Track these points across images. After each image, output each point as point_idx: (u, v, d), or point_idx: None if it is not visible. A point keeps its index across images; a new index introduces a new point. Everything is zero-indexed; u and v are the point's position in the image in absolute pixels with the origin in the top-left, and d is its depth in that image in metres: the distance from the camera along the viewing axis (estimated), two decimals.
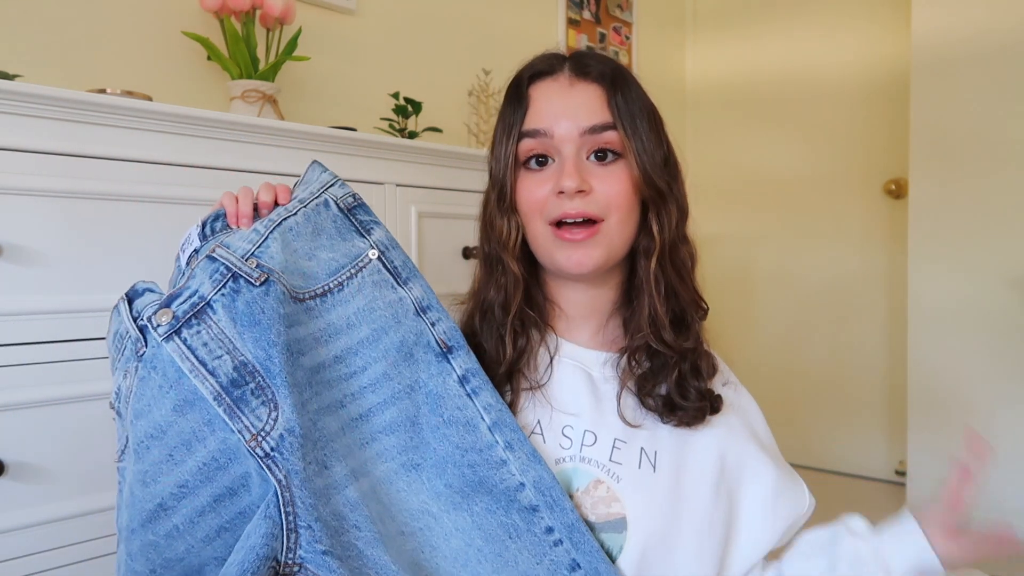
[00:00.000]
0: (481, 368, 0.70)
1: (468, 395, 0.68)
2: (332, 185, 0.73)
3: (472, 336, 0.76)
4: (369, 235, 0.72)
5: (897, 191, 2.33)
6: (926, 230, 2.06)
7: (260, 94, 1.37)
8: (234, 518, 0.61)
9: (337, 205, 0.72)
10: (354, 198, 0.73)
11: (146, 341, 0.62)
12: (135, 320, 0.63)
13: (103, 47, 1.34)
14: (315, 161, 0.77)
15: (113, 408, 0.66)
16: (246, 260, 0.64)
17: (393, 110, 1.64)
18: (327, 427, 0.63)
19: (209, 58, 1.39)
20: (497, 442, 0.67)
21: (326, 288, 0.67)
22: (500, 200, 0.75)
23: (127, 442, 0.64)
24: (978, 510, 0.72)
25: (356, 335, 0.67)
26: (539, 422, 0.74)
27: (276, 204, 0.72)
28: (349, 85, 1.73)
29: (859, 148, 2.43)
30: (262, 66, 1.42)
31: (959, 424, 2.02)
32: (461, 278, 0.95)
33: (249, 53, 1.37)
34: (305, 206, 0.70)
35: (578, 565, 0.65)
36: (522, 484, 0.66)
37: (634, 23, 2.62)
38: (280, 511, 0.58)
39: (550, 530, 0.66)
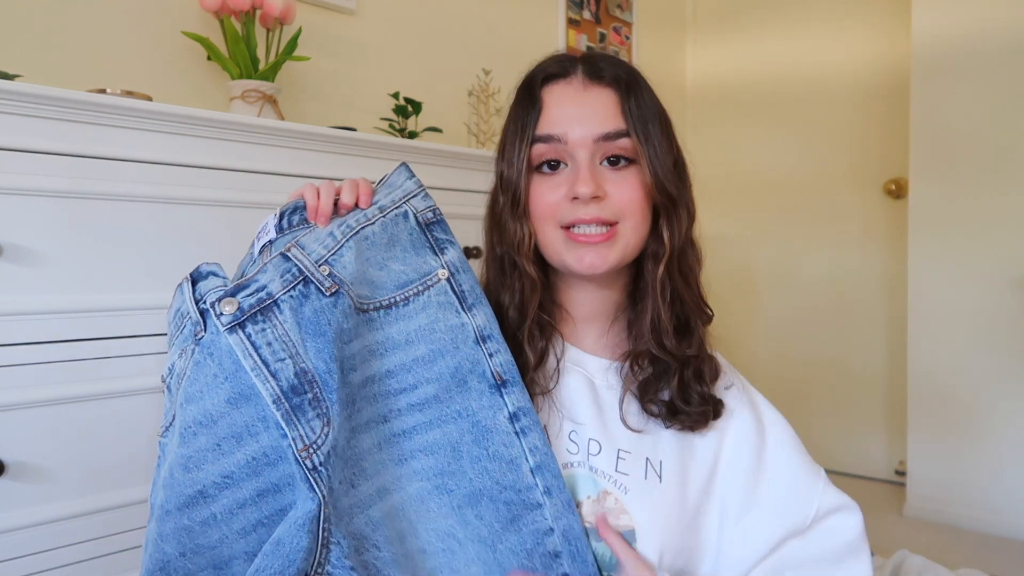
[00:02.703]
0: (533, 408, 0.69)
1: (516, 433, 0.67)
2: (415, 196, 0.72)
3: None
4: (442, 254, 0.71)
5: (897, 191, 2.33)
6: (926, 230, 2.06)
7: (260, 94, 1.37)
8: (273, 515, 0.60)
9: (416, 219, 0.71)
10: (434, 213, 0.72)
11: (205, 326, 0.61)
12: (197, 303, 0.62)
13: (103, 47, 1.34)
14: (403, 164, 0.76)
15: (164, 382, 0.66)
16: (319, 266, 0.63)
17: (393, 110, 1.64)
18: (360, 445, 0.63)
19: (209, 58, 1.39)
20: (537, 485, 0.67)
21: (392, 301, 0.67)
22: (514, 205, 0.74)
23: (173, 419, 0.63)
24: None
25: (412, 352, 0.66)
26: (546, 427, 0.73)
27: (356, 205, 0.71)
28: (349, 85, 1.73)
29: (859, 148, 2.43)
30: (262, 66, 1.42)
31: (959, 424, 2.02)
32: None
33: (249, 53, 1.37)
34: (384, 216, 0.69)
35: None
36: (551, 530, 0.66)
37: (634, 23, 2.62)
38: (319, 526, 0.58)
39: None
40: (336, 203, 0.70)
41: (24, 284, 0.93)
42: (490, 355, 0.69)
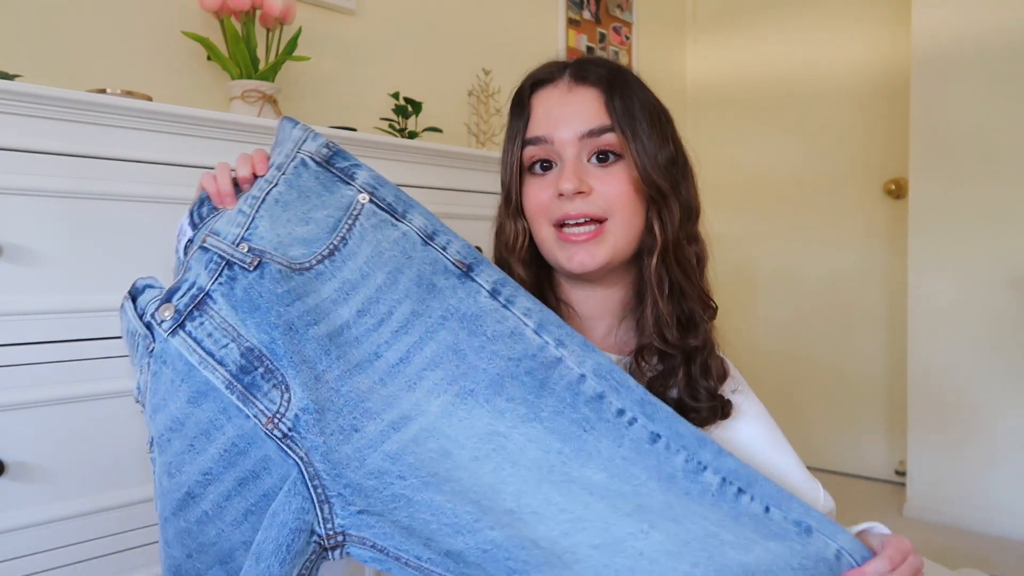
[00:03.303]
0: (509, 276, 0.69)
1: (504, 305, 0.66)
2: (305, 141, 0.71)
3: None
4: (353, 180, 0.69)
5: (897, 191, 2.33)
6: (926, 230, 2.06)
7: (260, 94, 1.37)
8: (259, 500, 0.61)
9: (314, 161, 0.70)
10: (328, 147, 0.70)
11: (154, 337, 0.63)
12: (140, 317, 0.64)
13: (103, 47, 1.34)
14: (285, 117, 0.75)
15: (138, 402, 0.68)
16: (237, 245, 0.64)
17: (393, 110, 1.64)
18: (357, 387, 0.63)
19: (209, 58, 1.39)
20: (547, 343, 0.66)
21: (331, 247, 0.66)
22: (507, 205, 0.78)
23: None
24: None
25: (373, 283, 0.66)
26: None
27: (255, 176, 0.70)
28: (349, 85, 1.73)
29: (859, 148, 2.43)
30: (262, 66, 1.42)
31: (959, 424, 2.02)
32: None
33: (249, 53, 1.37)
34: (284, 173, 0.68)
35: (658, 436, 0.64)
36: (583, 376, 0.65)
37: (634, 23, 2.62)
38: (308, 485, 0.59)
39: (621, 412, 0.64)
40: (236, 181, 0.70)
41: (24, 284, 0.93)
42: (443, 248, 0.68)
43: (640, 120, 0.73)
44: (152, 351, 0.62)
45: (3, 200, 0.91)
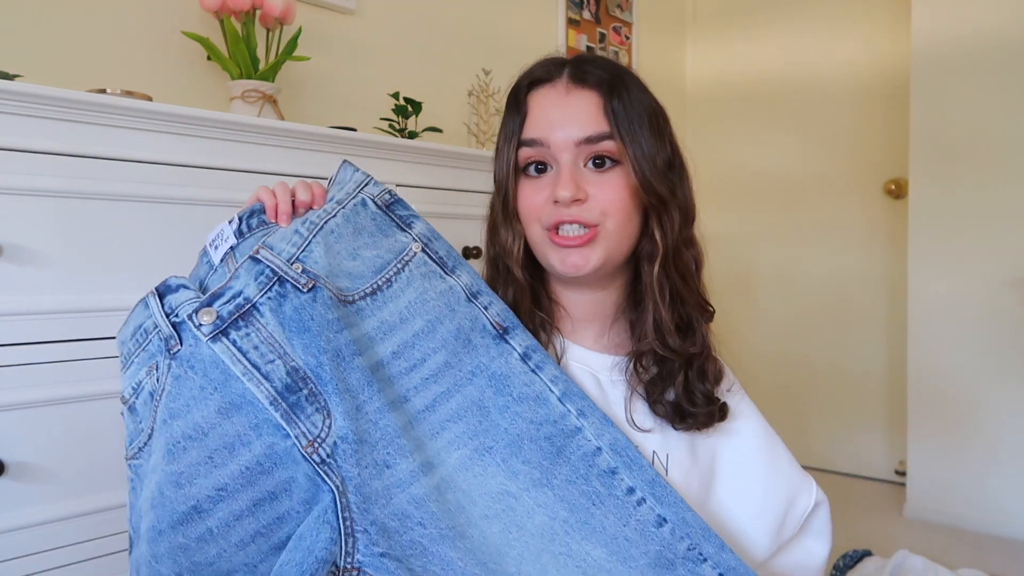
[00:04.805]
0: (540, 345, 0.70)
1: (533, 371, 0.68)
2: (367, 184, 0.73)
3: None
4: (410, 229, 0.72)
5: (897, 191, 2.33)
6: (926, 230, 2.06)
7: (260, 94, 1.37)
8: (271, 523, 0.60)
9: (375, 203, 0.72)
10: (391, 195, 0.73)
11: (181, 339, 0.61)
12: (168, 316, 0.62)
13: (103, 47, 1.34)
14: (345, 161, 0.77)
15: (125, 403, 0.65)
16: (291, 264, 0.64)
17: (393, 110, 1.64)
18: (391, 424, 0.62)
19: (209, 58, 1.39)
20: (570, 411, 0.67)
21: (375, 286, 0.67)
22: (503, 207, 0.76)
23: (148, 440, 0.63)
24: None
25: (411, 328, 0.67)
26: None
27: (311, 205, 0.72)
28: (349, 85, 1.73)
29: (859, 148, 2.43)
30: (262, 66, 1.42)
31: (959, 424, 2.02)
32: None
33: (249, 53, 1.37)
34: (343, 207, 0.70)
35: (664, 520, 0.64)
36: (599, 449, 0.66)
37: (634, 23, 2.62)
38: (338, 516, 0.58)
39: (631, 491, 0.65)
40: (293, 203, 0.71)
41: (24, 284, 0.93)
42: (485, 308, 0.70)
43: (639, 125, 0.72)
44: (176, 353, 0.61)
45: (3, 200, 0.91)
